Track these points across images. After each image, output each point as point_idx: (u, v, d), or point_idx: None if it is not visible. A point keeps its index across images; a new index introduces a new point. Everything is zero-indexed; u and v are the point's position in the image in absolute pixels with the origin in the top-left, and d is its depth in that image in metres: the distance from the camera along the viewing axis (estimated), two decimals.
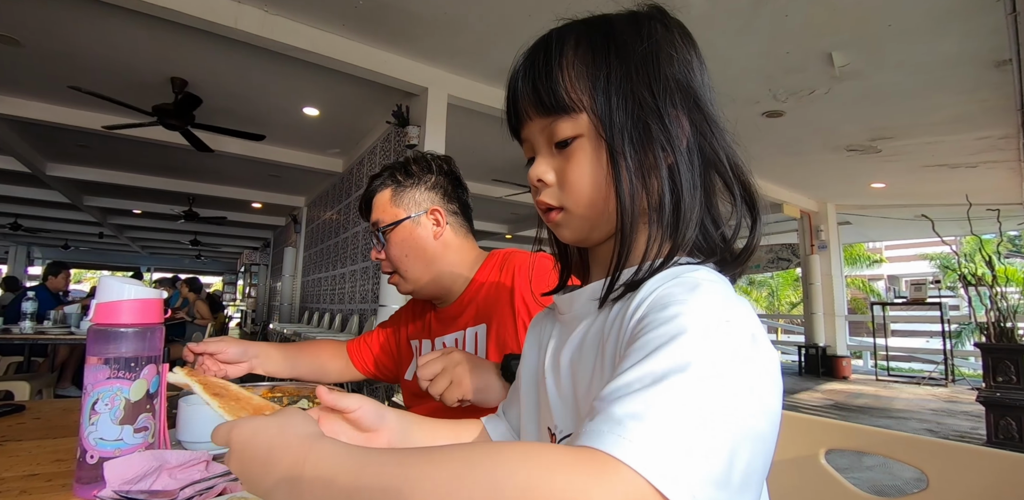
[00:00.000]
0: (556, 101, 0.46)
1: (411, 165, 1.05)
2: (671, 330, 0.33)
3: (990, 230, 5.26)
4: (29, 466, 0.63)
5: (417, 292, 1.04)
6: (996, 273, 3.62)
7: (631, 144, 0.44)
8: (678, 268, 0.41)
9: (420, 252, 1.01)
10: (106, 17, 3.10)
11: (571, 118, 0.46)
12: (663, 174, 0.44)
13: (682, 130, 0.45)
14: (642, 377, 0.31)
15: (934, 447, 0.58)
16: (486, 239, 11.44)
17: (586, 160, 0.46)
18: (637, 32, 0.46)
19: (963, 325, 7.73)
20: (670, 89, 0.45)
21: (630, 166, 0.44)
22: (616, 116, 0.44)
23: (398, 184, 1.03)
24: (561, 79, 0.45)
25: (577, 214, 0.47)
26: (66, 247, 15.63)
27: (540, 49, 0.48)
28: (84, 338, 1.07)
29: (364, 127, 5.01)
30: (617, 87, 0.44)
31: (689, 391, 0.30)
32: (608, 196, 0.45)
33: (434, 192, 1.04)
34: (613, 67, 0.45)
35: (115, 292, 0.60)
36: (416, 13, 3.09)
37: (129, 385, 0.58)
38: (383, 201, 1.03)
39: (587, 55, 0.46)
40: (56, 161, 6.40)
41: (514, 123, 0.52)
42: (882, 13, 2.94)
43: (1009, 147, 5.00)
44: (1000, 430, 3.21)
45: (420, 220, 1.01)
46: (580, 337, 0.48)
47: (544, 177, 0.48)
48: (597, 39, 0.46)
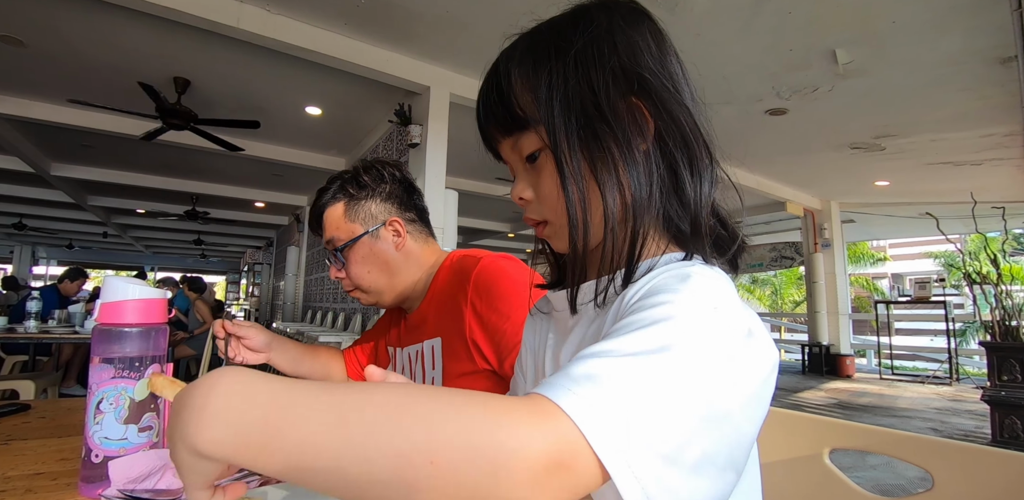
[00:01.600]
0: (512, 119, 0.46)
1: (362, 176, 0.99)
2: (656, 315, 0.32)
3: (995, 228, 5.23)
4: (34, 465, 0.64)
5: (380, 304, 1.01)
6: (1001, 271, 3.60)
7: (579, 148, 0.43)
8: (672, 266, 0.41)
9: (383, 266, 0.97)
10: (109, 17, 3.10)
11: (530, 133, 0.46)
12: (622, 172, 0.42)
13: (643, 120, 0.43)
14: (613, 349, 0.30)
15: (939, 446, 0.58)
16: (489, 238, 11.43)
17: (552, 171, 0.45)
18: (575, 28, 0.45)
19: (967, 323, 7.71)
20: (613, 79, 0.42)
21: (577, 171, 0.42)
22: (558, 121, 0.43)
23: (351, 197, 0.98)
24: (511, 96, 0.46)
25: (558, 225, 0.47)
26: (70, 247, 15.69)
27: (491, 73, 0.49)
28: (88, 337, 1.07)
29: (366, 126, 5.01)
30: (558, 92, 0.43)
31: (659, 368, 0.29)
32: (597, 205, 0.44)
33: (389, 202, 0.99)
34: (554, 72, 0.44)
35: (119, 292, 0.60)
36: (418, 12, 3.09)
37: (133, 385, 0.58)
38: (336, 217, 0.98)
39: (529, 66, 0.46)
40: (60, 161, 6.42)
41: (490, 147, 0.52)
42: (886, 10, 2.92)
43: (1014, 144, 4.97)
44: (1005, 429, 3.20)
45: (379, 233, 0.97)
46: (579, 338, 0.48)
47: (523, 194, 0.49)
48: (539, 47, 0.46)
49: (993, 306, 3.48)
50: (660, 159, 0.43)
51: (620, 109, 0.42)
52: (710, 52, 3.39)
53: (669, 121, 0.43)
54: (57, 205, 9.01)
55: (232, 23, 2.98)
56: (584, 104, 0.43)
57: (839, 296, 7.63)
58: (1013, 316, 3.41)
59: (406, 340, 1.02)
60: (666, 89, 0.43)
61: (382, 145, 4.84)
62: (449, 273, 0.96)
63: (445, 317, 0.92)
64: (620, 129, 0.42)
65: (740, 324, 0.34)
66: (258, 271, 14.08)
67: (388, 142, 4.66)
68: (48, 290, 4.72)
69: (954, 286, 9.44)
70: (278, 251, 11.47)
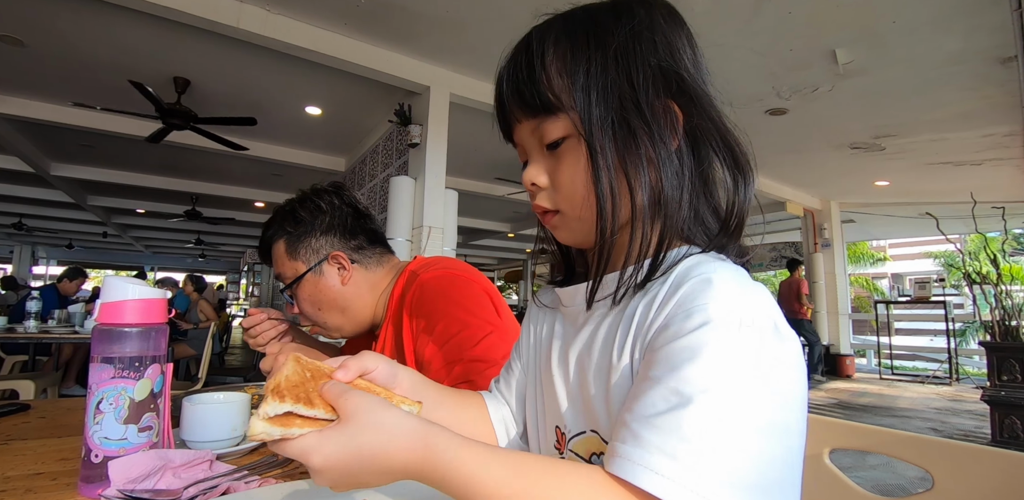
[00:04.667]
0: (540, 101, 0.44)
1: (298, 211, 0.95)
2: (693, 343, 0.35)
3: (995, 228, 5.23)
4: (34, 465, 0.63)
5: (345, 336, 0.99)
6: (1001, 271, 3.60)
7: (612, 140, 0.43)
8: (691, 264, 0.41)
9: (331, 303, 0.94)
10: (109, 17, 3.10)
11: (557, 118, 0.44)
12: (652, 168, 0.43)
13: (675, 119, 0.44)
14: (667, 396, 0.33)
15: (938, 446, 0.58)
16: (489, 238, 11.43)
17: (578, 160, 0.44)
18: (616, 20, 0.45)
19: (967, 323, 7.71)
20: (653, 77, 0.43)
21: (610, 163, 0.43)
22: (595, 111, 0.43)
23: (288, 234, 0.94)
24: (543, 78, 0.44)
25: (572, 216, 0.46)
26: (70, 247, 15.68)
27: (521, 49, 0.47)
28: (88, 337, 1.07)
29: (366, 126, 5.01)
30: (596, 81, 0.43)
31: (715, 412, 0.32)
32: (616, 196, 0.44)
33: (331, 235, 0.95)
34: (593, 61, 0.43)
35: (119, 292, 0.60)
36: (418, 12, 3.09)
37: (133, 384, 0.58)
38: (279, 254, 0.95)
39: (566, 51, 0.44)
40: (60, 161, 6.42)
41: (504, 127, 0.51)
42: (886, 10, 2.92)
43: (1014, 144, 4.97)
44: (1005, 429, 3.19)
45: (322, 269, 0.94)
46: (589, 334, 0.48)
47: (537, 180, 0.47)
48: (577, 33, 0.45)
49: (993, 306, 3.47)
50: (692, 159, 0.44)
51: (656, 107, 0.43)
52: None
53: (707, 123, 0.44)
54: (57, 205, 9.01)
55: (232, 23, 2.98)
56: (623, 98, 0.43)
57: (839, 296, 7.63)
58: (1013, 316, 3.41)
59: None
60: (703, 92, 0.45)
61: (382, 145, 4.84)
62: (400, 293, 0.93)
63: (399, 344, 0.90)
64: (656, 126, 0.43)
65: (768, 329, 0.35)
66: (258, 271, 14.08)
67: (388, 142, 4.66)
68: (48, 290, 4.72)
69: (954, 286, 9.44)
70: None
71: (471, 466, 0.34)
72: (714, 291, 0.37)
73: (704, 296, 0.37)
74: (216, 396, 0.76)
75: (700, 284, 0.38)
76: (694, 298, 0.37)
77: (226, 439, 0.69)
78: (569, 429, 0.48)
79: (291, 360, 0.40)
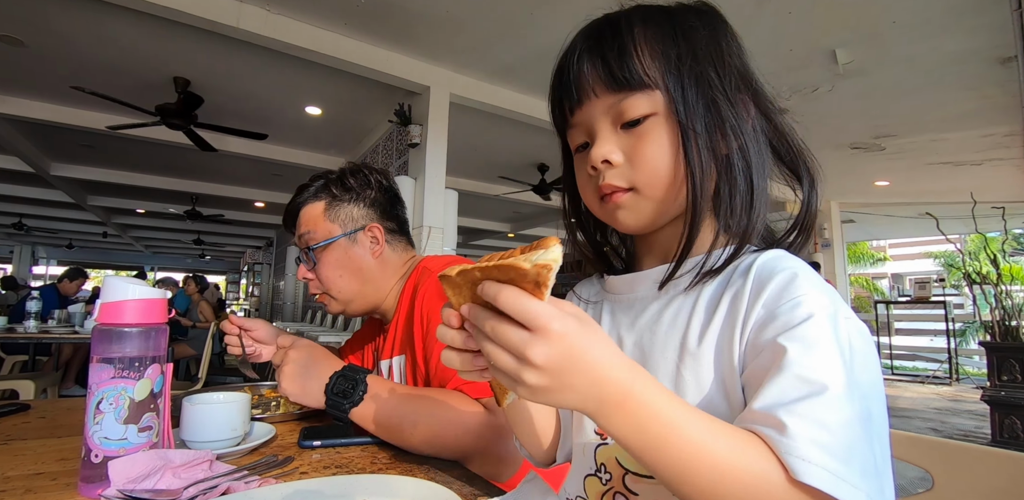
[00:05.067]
0: (631, 76, 0.45)
1: (348, 178, 0.97)
2: (806, 334, 0.37)
3: (995, 228, 5.23)
4: (34, 465, 0.63)
5: (348, 312, 0.99)
6: (1001, 271, 3.60)
7: (703, 124, 0.45)
8: (770, 257, 0.44)
9: (356, 272, 0.94)
10: (109, 17, 3.10)
11: (645, 94, 0.45)
12: (733, 156, 0.45)
13: (747, 113, 0.47)
14: (797, 385, 0.35)
15: (939, 446, 0.58)
16: (489, 238, 11.43)
17: (661, 138, 0.45)
18: (698, 19, 0.48)
19: (967, 323, 7.70)
20: (733, 74, 0.46)
21: (701, 146, 0.44)
22: (688, 95, 0.45)
23: (333, 197, 0.95)
24: (636, 54, 0.45)
25: (648, 195, 0.46)
26: (70, 247, 15.68)
27: (605, 27, 0.47)
28: (88, 337, 1.07)
29: (366, 126, 5.01)
30: (687, 67, 0.45)
31: (847, 402, 0.35)
32: (683, 177, 0.45)
33: (372, 209, 0.97)
34: (682, 48, 0.45)
35: (119, 292, 0.60)
36: (418, 12, 3.09)
37: (133, 385, 0.58)
38: (315, 214, 0.95)
39: (657, 33, 0.46)
40: (60, 161, 6.42)
41: (568, 105, 0.49)
42: (886, 10, 2.92)
43: (1014, 144, 4.97)
44: (1005, 429, 3.19)
45: (357, 237, 0.95)
46: (650, 320, 0.48)
47: (611, 157, 0.46)
48: (662, 21, 0.47)
49: (993, 306, 3.47)
50: (759, 151, 0.47)
51: (736, 100, 0.46)
52: None
53: (775, 122, 0.48)
54: (57, 205, 9.01)
55: (232, 23, 2.98)
56: (712, 86, 0.45)
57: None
58: (1013, 316, 3.40)
59: (384, 352, 1.01)
60: (767, 96, 0.48)
61: (382, 145, 4.84)
62: (414, 287, 0.94)
63: (407, 334, 0.91)
64: (738, 116, 0.45)
65: (856, 319, 0.39)
66: (258, 271, 14.08)
67: (388, 142, 4.66)
68: (48, 290, 4.72)
69: (954, 286, 9.44)
70: (278, 251, 11.47)
71: (673, 414, 0.34)
72: (808, 284, 0.40)
73: (799, 289, 0.40)
74: (216, 396, 0.76)
75: (789, 277, 0.41)
76: (791, 292, 0.40)
77: (226, 439, 0.69)
78: None
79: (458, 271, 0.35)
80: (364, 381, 0.75)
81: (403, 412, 0.73)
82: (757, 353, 0.40)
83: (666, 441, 0.34)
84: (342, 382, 0.75)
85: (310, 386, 0.76)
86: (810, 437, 0.33)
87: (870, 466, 0.34)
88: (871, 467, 0.34)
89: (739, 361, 0.41)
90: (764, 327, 0.40)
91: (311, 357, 0.79)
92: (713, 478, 0.33)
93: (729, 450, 0.34)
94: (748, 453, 0.34)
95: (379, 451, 0.73)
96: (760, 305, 0.41)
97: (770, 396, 0.36)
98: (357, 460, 0.68)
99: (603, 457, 0.50)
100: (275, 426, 0.80)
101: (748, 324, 0.41)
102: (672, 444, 0.33)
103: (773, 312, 0.40)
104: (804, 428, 0.34)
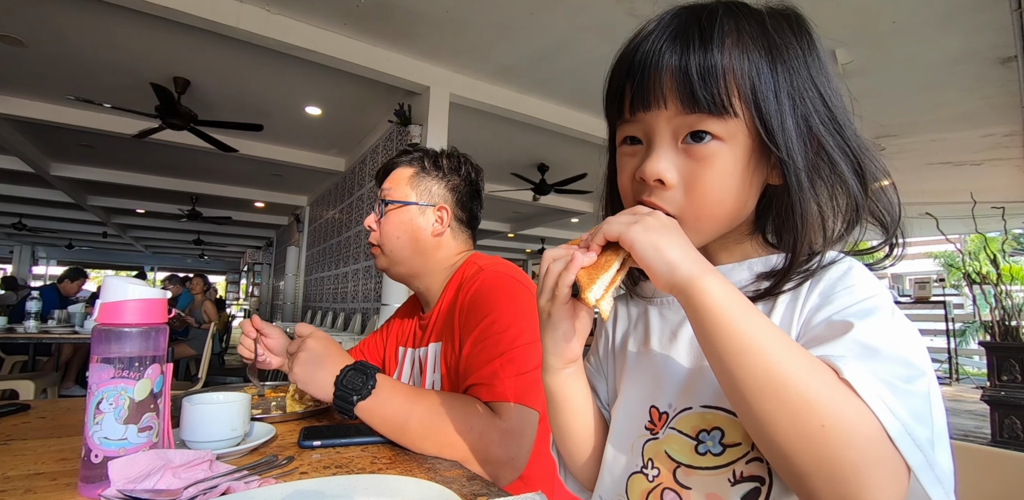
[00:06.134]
0: (713, 100, 0.41)
1: (442, 159, 1.04)
2: (864, 309, 0.40)
3: (995, 228, 5.22)
4: (34, 465, 0.63)
5: (388, 271, 1.03)
6: (1001, 271, 3.60)
7: (800, 153, 0.43)
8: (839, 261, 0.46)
9: (412, 241, 0.99)
10: (109, 17, 3.10)
11: (721, 120, 0.42)
12: (840, 187, 0.45)
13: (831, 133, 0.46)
14: (851, 347, 0.37)
15: None
16: (489, 238, 11.44)
17: (728, 167, 0.43)
18: (791, 31, 0.44)
19: (967, 324, 7.69)
20: (827, 93, 0.45)
21: (803, 180, 0.43)
22: (787, 123, 0.42)
23: (423, 169, 1.01)
24: (723, 77, 0.41)
25: (692, 226, 0.44)
26: (70, 247, 15.69)
27: (693, 28, 0.42)
28: (88, 337, 1.07)
29: (366, 126, 5.01)
30: (785, 90, 0.42)
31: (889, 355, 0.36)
32: (742, 206, 0.45)
33: (451, 193, 1.02)
34: (778, 69, 0.42)
35: (119, 292, 0.60)
36: (418, 11, 3.09)
37: (133, 385, 0.58)
38: (403, 176, 1.01)
39: (751, 53, 0.42)
40: (60, 161, 6.43)
41: (630, 101, 0.45)
42: (886, 10, 2.92)
43: (1014, 144, 4.97)
44: (1005, 429, 3.19)
45: (426, 211, 1.00)
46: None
47: (666, 176, 0.43)
48: (756, 35, 0.43)
49: (993, 306, 3.47)
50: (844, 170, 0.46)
51: (829, 122, 0.45)
52: None
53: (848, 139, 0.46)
54: (57, 205, 9.01)
55: (232, 23, 2.98)
56: (809, 110, 0.44)
57: None
58: (1013, 316, 3.40)
59: (420, 341, 1.03)
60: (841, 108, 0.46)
61: (382, 145, 4.84)
62: (461, 279, 0.97)
63: (448, 324, 0.93)
64: (832, 140, 0.45)
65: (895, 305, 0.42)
66: (258, 271, 14.09)
67: (388, 142, 4.66)
68: (48, 290, 4.72)
69: (954, 286, 9.43)
70: (278, 251, 11.47)
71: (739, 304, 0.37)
72: (862, 275, 0.43)
73: (853, 279, 0.42)
74: (216, 396, 0.76)
75: (845, 269, 0.43)
76: (845, 281, 0.42)
77: (226, 439, 0.69)
78: (674, 407, 0.48)
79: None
80: (374, 377, 0.77)
81: (410, 408, 0.74)
82: (805, 331, 0.42)
83: (752, 309, 0.36)
84: (353, 375, 0.76)
85: (320, 376, 0.78)
86: (865, 367, 0.35)
87: (914, 403, 0.35)
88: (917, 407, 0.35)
89: None
90: (818, 311, 0.42)
91: (327, 349, 0.81)
92: (780, 358, 0.34)
93: (799, 345, 0.36)
94: (810, 355, 0.36)
95: (379, 451, 0.73)
96: (817, 294, 0.43)
97: (821, 349, 0.38)
98: (357, 460, 0.68)
99: (651, 452, 0.49)
100: (275, 426, 0.80)
101: (804, 311, 0.43)
102: (756, 315, 0.36)
103: (829, 298, 0.42)
104: (859, 362, 0.35)
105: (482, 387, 0.79)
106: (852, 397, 0.33)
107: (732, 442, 0.43)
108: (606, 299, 0.42)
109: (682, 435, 0.47)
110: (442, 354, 0.93)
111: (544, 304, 0.46)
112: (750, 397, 0.35)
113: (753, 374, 0.34)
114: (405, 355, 1.06)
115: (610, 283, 0.42)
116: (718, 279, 0.37)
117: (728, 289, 0.37)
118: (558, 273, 0.43)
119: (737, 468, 0.42)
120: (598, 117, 0.51)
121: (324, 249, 7.04)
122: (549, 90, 4.08)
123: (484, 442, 0.74)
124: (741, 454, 0.43)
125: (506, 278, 0.90)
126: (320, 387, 0.77)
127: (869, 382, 0.34)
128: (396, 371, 1.07)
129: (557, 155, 5.71)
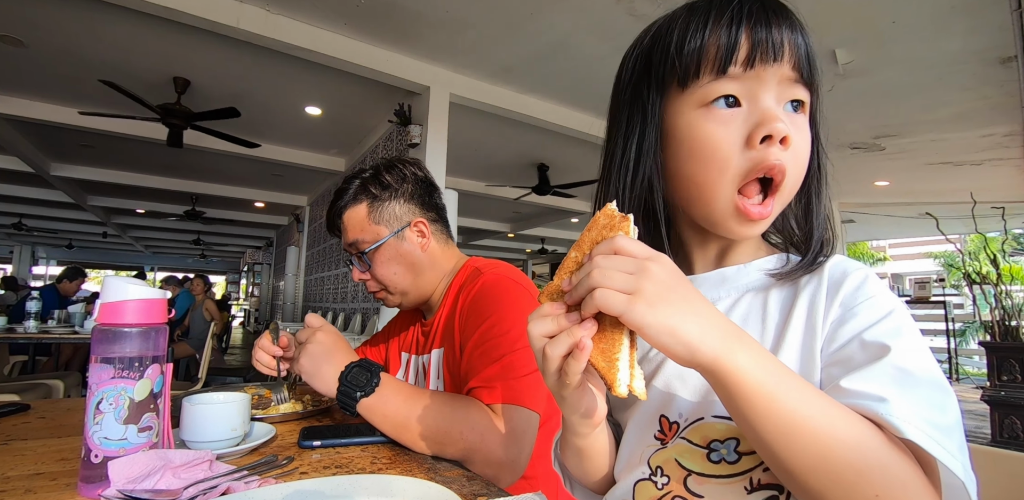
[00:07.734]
0: (811, 71, 0.45)
1: (383, 175, 0.97)
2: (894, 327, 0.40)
3: (995, 228, 5.23)
4: (34, 465, 0.63)
5: (403, 305, 1.01)
6: (1001, 271, 3.60)
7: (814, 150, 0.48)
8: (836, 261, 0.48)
9: (409, 267, 0.96)
10: (109, 17, 3.10)
11: (807, 94, 0.46)
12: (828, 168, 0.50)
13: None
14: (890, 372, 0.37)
15: None
16: (488, 238, 11.44)
17: (808, 138, 0.46)
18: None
19: (967, 323, 7.70)
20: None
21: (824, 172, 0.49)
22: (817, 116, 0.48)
23: (373, 198, 0.96)
24: (814, 51, 0.46)
25: (787, 192, 0.45)
26: (70, 247, 15.69)
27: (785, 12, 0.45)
28: (88, 337, 1.07)
29: (366, 126, 5.01)
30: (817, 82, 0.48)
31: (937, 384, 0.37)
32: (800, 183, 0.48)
33: (412, 203, 0.98)
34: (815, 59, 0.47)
35: (119, 292, 0.60)
36: (418, 11, 3.09)
37: (133, 385, 0.58)
38: (359, 219, 0.96)
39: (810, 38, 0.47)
40: (60, 161, 6.42)
41: (750, 54, 0.42)
42: (886, 10, 2.92)
43: (1014, 144, 4.97)
44: (1005, 429, 3.19)
45: (404, 235, 0.96)
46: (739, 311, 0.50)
47: (794, 137, 0.43)
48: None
49: (993, 306, 3.47)
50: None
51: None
52: None
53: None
54: (57, 205, 9.01)
55: (232, 23, 2.98)
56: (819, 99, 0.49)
57: None
58: (1013, 316, 3.40)
59: (423, 347, 1.03)
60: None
61: (382, 145, 4.84)
62: (462, 283, 0.96)
63: (449, 330, 0.93)
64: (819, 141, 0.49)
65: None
66: (258, 271, 14.09)
67: (388, 142, 4.66)
68: (48, 290, 4.72)
69: (954, 286, 9.43)
70: (278, 251, 11.47)
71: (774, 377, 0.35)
72: (878, 284, 0.44)
73: (872, 289, 0.44)
74: (216, 396, 0.76)
75: (862, 279, 0.44)
76: (866, 291, 0.43)
77: (226, 439, 0.69)
78: (685, 417, 0.48)
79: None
80: (378, 375, 0.77)
81: (412, 407, 0.74)
82: (835, 346, 0.42)
83: (788, 377, 0.35)
84: (358, 372, 0.77)
85: (326, 370, 0.78)
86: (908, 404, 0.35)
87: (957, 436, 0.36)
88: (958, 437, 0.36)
89: (820, 357, 0.44)
90: (843, 324, 0.43)
91: (336, 344, 0.82)
92: (826, 431, 0.33)
93: (839, 406, 0.35)
94: (852, 414, 0.35)
95: (379, 451, 0.73)
96: (838, 304, 0.44)
97: (862, 378, 0.38)
98: (357, 460, 0.68)
99: (659, 460, 0.48)
100: (275, 426, 0.80)
101: (827, 322, 0.44)
102: (794, 383, 0.35)
103: (852, 309, 0.43)
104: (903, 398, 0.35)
105: (483, 390, 0.79)
106: (901, 458, 0.34)
107: (748, 450, 0.43)
108: (636, 378, 0.36)
109: (692, 444, 0.46)
110: (444, 360, 0.93)
111: (554, 387, 0.41)
112: (799, 476, 0.34)
113: (801, 454, 0.34)
114: (409, 361, 1.06)
115: (630, 360, 0.36)
116: (747, 350, 0.34)
117: (759, 360, 0.34)
118: (559, 358, 0.37)
119: (755, 476, 0.42)
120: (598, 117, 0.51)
121: (324, 249, 7.04)
122: (549, 90, 4.08)
123: (485, 443, 0.74)
124: (758, 462, 0.42)
125: (505, 280, 0.90)
126: (324, 381, 0.77)
127: (923, 429, 0.34)
128: (398, 375, 1.07)
129: (557, 155, 5.71)
